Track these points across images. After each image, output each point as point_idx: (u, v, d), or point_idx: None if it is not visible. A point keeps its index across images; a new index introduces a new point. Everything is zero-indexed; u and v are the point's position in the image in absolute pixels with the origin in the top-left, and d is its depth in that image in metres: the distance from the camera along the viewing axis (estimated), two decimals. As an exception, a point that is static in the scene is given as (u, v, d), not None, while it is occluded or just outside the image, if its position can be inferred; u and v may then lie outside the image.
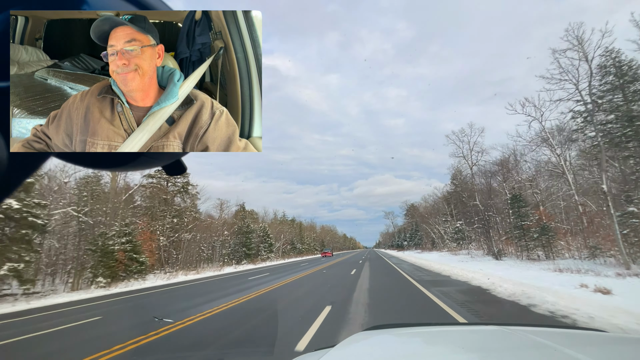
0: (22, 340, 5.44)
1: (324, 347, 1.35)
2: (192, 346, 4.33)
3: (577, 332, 1.39)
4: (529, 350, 0.99)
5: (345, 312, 6.05)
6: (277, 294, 9.08)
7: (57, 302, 10.77)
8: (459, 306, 6.13)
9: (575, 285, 7.69)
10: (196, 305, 7.81)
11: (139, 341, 4.67)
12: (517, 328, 1.28)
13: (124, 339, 4.86)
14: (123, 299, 10.48)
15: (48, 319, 7.42)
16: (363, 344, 1.32)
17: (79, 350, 4.55)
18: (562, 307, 5.69)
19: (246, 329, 5.13)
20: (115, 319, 7.19)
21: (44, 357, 4.50)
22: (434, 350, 1.19)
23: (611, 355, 0.96)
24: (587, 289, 7.19)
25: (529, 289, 7.47)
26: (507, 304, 6.46)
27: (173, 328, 5.39)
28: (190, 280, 17.29)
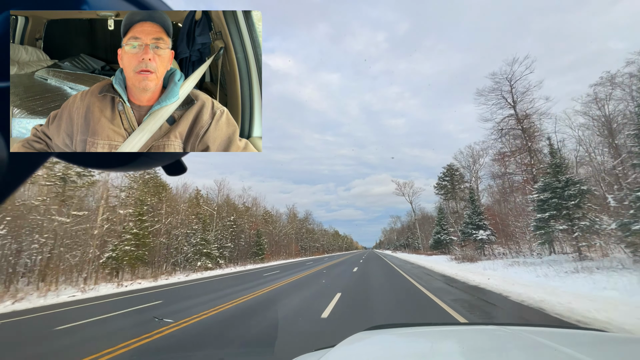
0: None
1: (323, 347, 1.35)
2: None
3: (577, 332, 1.39)
4: (529, 350, 0.99)
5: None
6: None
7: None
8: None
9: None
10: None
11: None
12: (517, 328, 1.28)
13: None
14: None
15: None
16: (363, 344, 1.31)
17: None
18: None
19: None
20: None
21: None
22: (434, 350, 1.19)
23: (611, 355, 0.96)
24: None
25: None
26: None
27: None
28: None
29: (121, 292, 13.06)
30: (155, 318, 6.18)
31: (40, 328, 6.44)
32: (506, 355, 0.98)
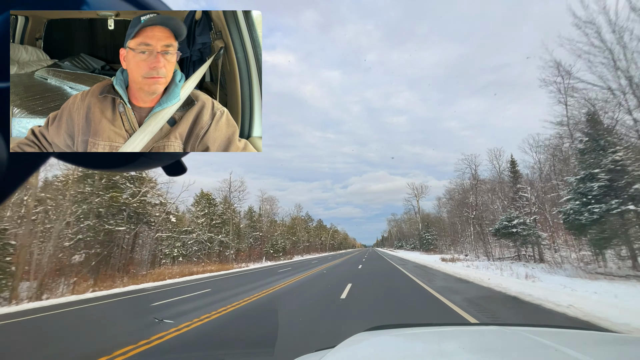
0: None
1: (324, 347, 1.35)
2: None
3: (577, 332, 1.39)
4: (529, 350, 1.00)
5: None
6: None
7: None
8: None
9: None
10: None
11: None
12: (517, 328, 1.28)
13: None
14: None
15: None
16: (363, 345, 1.32)
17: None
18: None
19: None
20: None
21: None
22: (434, 350, 1.19)
23: (611, 355, 0.96)
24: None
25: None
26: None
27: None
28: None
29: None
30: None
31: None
32: (506, 355, 0.99)
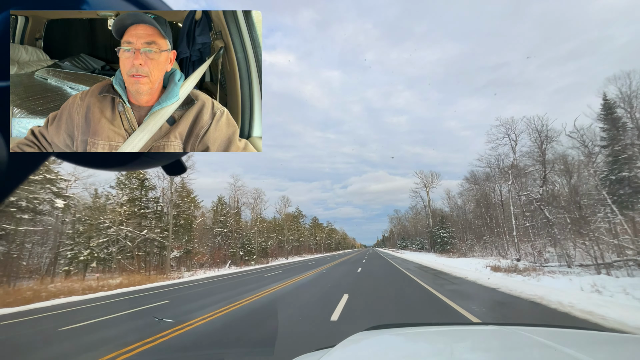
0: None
1: (323, 347, 1.35)
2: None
3: (577, 331, 1.39)
4: (529, 350, 0.99)
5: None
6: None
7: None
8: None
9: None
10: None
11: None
12: (517, 328, 1.28)
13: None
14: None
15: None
16: (363, 344, 1.32)
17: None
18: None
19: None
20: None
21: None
22: (434, 350, 1.19)
23: (611, 355, 0.96)
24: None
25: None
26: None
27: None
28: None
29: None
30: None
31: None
32: (506, 355, 0.98)
